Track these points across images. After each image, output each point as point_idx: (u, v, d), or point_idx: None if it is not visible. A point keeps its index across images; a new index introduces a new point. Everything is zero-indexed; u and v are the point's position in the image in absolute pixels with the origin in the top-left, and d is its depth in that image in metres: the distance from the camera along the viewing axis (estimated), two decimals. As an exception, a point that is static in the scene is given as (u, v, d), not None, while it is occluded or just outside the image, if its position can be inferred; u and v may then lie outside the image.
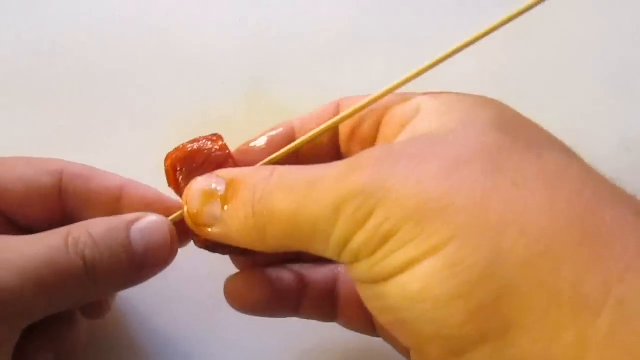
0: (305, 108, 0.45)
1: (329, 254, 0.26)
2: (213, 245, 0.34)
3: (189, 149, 0.35)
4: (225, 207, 0.29)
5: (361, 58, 0.53)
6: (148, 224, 0.33)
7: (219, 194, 0.29)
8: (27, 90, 0.52)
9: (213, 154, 0.34)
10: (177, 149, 0.35)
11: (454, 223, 0.22)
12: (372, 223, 0.24)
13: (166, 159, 0.35)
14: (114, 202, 0.37)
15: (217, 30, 0.54)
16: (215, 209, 0.29)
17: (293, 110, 0.43)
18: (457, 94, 0.30)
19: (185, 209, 0.31)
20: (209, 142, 0.35)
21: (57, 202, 0.36)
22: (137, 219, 0.33)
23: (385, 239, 0.24)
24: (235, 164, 0.35)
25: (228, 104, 0.40)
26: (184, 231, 0.35)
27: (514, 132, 0.26)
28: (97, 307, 0.39)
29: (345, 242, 0.25)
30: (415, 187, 0.23)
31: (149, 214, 0.34)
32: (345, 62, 0.53)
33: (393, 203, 0.23)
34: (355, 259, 0.25)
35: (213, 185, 0.29)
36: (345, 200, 0.24)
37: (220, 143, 0.35)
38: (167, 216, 0.35)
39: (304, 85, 0.41)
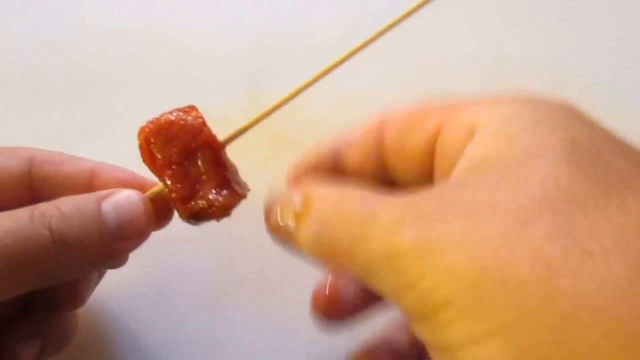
0: (305, 108, 0.45)
1: (387, 299, 0.25)
2: (196, 218, 0.33)
3: (163, 121, 0.34)
4: (298, 224, 0.28)
5: (361, 58, 0.53)
6: (121, 198, 0.33)
7: (295, 209, 0.28)
8: (26, 90, 0.52)
9: (188, 124, 0.33)
10: (150, 122, 0.34)
11: (514, 301, 0.20)
12: (422, 288, 0.21)
13: (139, 133, 0.34)
14: (86, 185, 0.36)
15: (217, 30, 0.54)
16: (290, 221, 0.28)
17: (293, 110, 0.43)
18: (520, 101, 0.26)
19: (268, 219, 0.31)
20: (183, 113, 0.34)
21: (28, 189, 0.36)
22: (109, 194, 0.33)
23: (439, 308, 0.21)
24: (210, 134, 0.34)
25: (228, 104, 0.40)
26: (162, 209, 0.35)
27: (592, 165, 0.21)
28: (72, 297, 0.38)
29: (396, 298, 0.23)
30: (471, 253, 0.20)
31: (122, 189, 0.34)
32: (344, 63, 0.53)
33: (446, 270, 0.21)
34: (409, 316, 0.24)
35: (292, 198, 0.29)
36: (395, 257, 0.22)
37: (193, 113, 0.34)
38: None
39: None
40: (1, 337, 0.33)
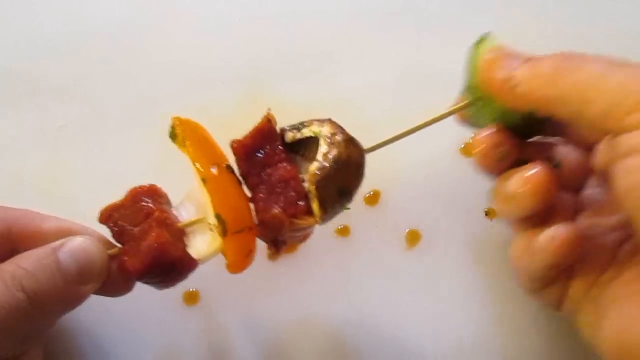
0: (305, 107, 0.45)
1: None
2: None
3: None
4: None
5: (359, 59, 0.53)
6: (75, 244, 0.35)
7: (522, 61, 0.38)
8: (27, 90, 0.52)
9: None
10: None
11: None
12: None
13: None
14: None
15: (217, 30, 0.54)
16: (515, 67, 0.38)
17: (292, 109, 0.43)
18: None
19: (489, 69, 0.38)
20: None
21: (8, 248, 0.36)
22: (62, 243, 0.35)
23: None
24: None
25: (228, 104, 0.39)
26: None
27: None
28: None
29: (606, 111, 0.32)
30: None
31: (75, 236, 0.35)
32: (343, 63, 0.53)
33: None
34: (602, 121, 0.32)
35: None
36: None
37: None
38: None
39: (303, 85, 0.41)
40: None
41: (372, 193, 0.49)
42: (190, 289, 0.46)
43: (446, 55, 0.52)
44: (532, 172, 0.37)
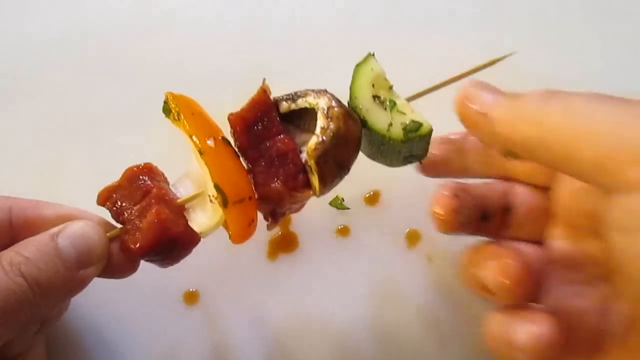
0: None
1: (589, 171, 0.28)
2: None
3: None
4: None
5: (359, 59, 0.53)
6: (73, 230, 0.35)
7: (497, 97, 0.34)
8: (27, 90, 0.52)
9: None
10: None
11: None
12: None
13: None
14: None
15: (217, 30, 0.54)
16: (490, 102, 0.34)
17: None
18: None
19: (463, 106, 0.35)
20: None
21: (8, 235, 0.37)
22: (61, 229, 0.35)
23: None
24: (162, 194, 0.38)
25: (228, 104, 0.40)
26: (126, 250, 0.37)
27: None
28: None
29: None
30: None
31: (73, 222, 0.35)
32: (344, 62, 0.53)
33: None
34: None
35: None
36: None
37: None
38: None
39: (302, 85, 0.41)
40: None
41: (372, 193, 0.49)
42: (190, 289, 0.47)
43: (446, 55, 0.53)
44: (505, 268, 0.33)
